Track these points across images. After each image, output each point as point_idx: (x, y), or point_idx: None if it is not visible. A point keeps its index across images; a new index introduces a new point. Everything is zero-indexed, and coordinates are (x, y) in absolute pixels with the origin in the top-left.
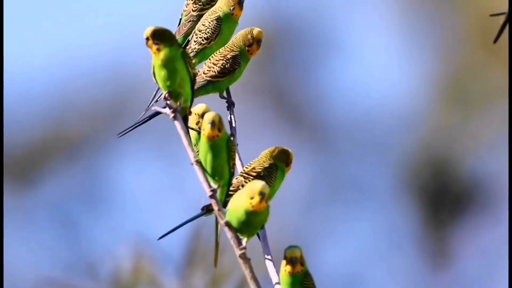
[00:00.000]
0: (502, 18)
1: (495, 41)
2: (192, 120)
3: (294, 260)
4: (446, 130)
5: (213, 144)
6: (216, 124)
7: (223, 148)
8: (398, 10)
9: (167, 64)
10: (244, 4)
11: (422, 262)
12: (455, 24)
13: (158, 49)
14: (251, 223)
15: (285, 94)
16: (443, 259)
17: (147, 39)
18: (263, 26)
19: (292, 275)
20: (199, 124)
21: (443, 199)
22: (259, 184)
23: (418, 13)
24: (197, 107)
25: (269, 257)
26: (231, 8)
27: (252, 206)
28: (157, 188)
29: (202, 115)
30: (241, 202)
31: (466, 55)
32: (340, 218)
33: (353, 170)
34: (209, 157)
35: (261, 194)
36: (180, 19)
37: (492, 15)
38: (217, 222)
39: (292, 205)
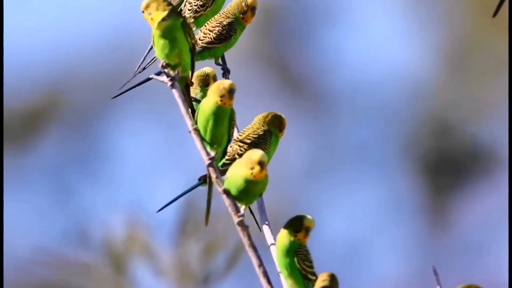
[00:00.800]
0: None
1: (494, 15)
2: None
3: (308, 229)
4: (449, 98)
5: (218, 112)
6: (265, 164)
7: (226, 116)
8: None
9: (166, 34)
10: None
11: (423, 228)
12: None
13: (152, 19)
14: (250, 192)
15: (287, 61)
16: (444, 225)
17: (143, 12)
18: None
19: (298, 242)
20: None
21: (444, 166)
22: (258, 154)
23: None
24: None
25: (266, 224)
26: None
27: (254, 176)
28: (155, 156)
29: (205, 77)
30: (241, 171)
31: (470, 25)
32: (342, 186)
33: (355, 138)
34: (210, 125)
35: (261, 163)
36: None
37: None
38: (210, 182)
39: (294, 172)
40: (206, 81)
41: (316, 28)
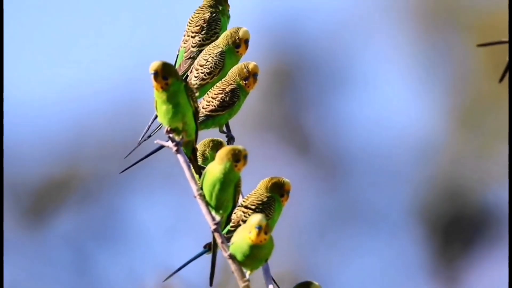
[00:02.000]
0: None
1: (500, 80)
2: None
3: None
4: (459, 161)
5: (225, 178)
6: (263, 228)
7: (233, 182)
8: (413, 43)
9: (170, 98)
10: (250, 42)
11: None
12: (468, 57)
13: (166, 84)
14: (255, 257)
15: (300, 125)
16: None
17: (156, 73)
18: (279, 58)
19: None
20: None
21: (455, 229)
22: (255, 218)
23: (432, 46)
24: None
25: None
26: (236, 46)
27: (252, 240)
28: (170, 220)
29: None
30: (243, 236)
31: (479, 87)
32: (351, 249)
33: (365, 201)
34: (216, 190)
35: (258, 227)
36: (177, 55)
37: (479, 45)
38: (214, 245)
39: (304, 235)
40: (219, 148)
41: (327, 91)
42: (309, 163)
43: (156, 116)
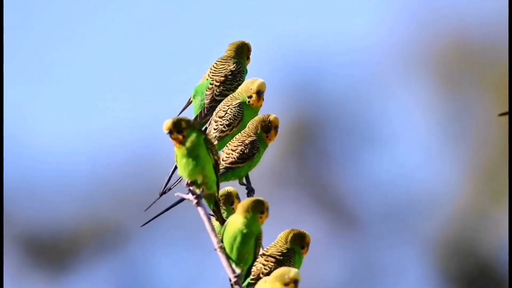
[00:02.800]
0: None
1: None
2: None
3: None
4: (479, 220)
5: (246, 231)
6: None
7: (254, 236)
8: (433, 99)
9: (189, 152)
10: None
11: None
12: (488, 114)
13: (183, 137)
14: None
15: (321, 183)
16: None
17: (170, 132)
18: (300, 113)
19: None
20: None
21: (475, 285)
22: (293, 272)
23: (452, 105)
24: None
25: None
26: (249, 97)
27: None
28: (188, 274)
29: (227, 195)
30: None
31: (498, 145)
32: None
33: (387, 257)
34: (237, 243)
35: (295, 282)
36: (190, 100)
37: (500, 115)
38: None
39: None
40: (229, 200)
41: (347, 146)
42: (328, 219)
43: (176, 168)
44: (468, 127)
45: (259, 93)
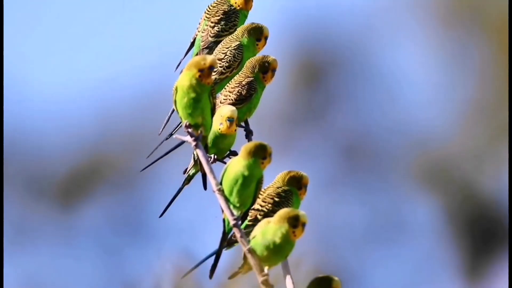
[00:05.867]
0: None
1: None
2: None
3: None
4: (484, 160)
5: (247, 175)
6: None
7: (256, 179)
8: (436, 39)
9: (190, 93)
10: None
11: None
12: (492, 53)
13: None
14: (279, 251)
15: (324, 121)
16: None
17: (211, 67)
18: (304, 53)
19: None
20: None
21: (481, 229)
22: (301, 215)
23: (457, 43)
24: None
25: (290, 282)
26: (257, 39)
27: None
28: (197, 211)
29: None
30: (268, 228)
31: (500, 84)
32: (382, 249)
33: (391, 200)
34: (238, 186)
35: (303, 224)
36: (192, 43)
37: None
38: (222, 239)
39: (335, 236)
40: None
41: (352, 86)
42: (335, 159)
43: (173, 111)
44: (469, 66)
45: (266, 38)
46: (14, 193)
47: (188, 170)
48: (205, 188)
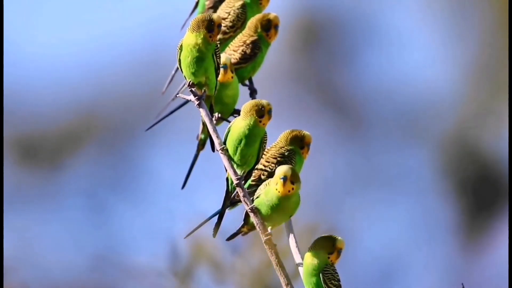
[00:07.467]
0: None
1: None
2: None
3: (340, 251)
4: (484, 118)
5: (252, 133)
6: (288, 178)
7: (259, 137)
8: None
9: (195, 51)
10: None
11: (458, 248)
12: (491, 13)
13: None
14: (283, 209)
15: (326, 81)
16: (480, 247)
17: (219, 25)
18: (306, 13)
19: (329, 262)
20: None
21: (480, 187)
22: (280, 169)
23: (456, 4)
24: None
25: (293, 242)
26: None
27: (278, 191)
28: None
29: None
30: (270, 189)
31: (502, 44)
32: (376, 205)
33: (390, 157)
34: (242, 145)
35: (283, 178)
36: (197, 3)
37: None
38: (226, 198)
39: (330, 190)
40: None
41: (353, 45)
42: (335, 118)
43: (177, 70)
44: (470, 25)
45: None
46: (4, 152)
47: (199, 135)
48: (213, 150)
